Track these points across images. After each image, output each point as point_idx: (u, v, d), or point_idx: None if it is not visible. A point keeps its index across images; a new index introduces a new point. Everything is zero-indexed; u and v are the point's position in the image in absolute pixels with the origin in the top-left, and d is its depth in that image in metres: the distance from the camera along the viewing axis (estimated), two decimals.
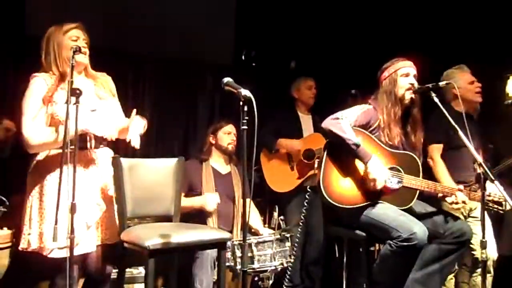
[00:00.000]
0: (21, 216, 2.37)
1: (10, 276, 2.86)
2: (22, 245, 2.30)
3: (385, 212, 2.47)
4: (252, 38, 4.44)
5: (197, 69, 4.37)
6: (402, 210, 2.51)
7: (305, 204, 3.15)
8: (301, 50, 4.48)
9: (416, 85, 2.61)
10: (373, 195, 2.53)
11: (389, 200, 2.54)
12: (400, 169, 2.57)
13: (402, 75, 2.64)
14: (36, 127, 2.29)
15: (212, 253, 2.84)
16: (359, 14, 4.46)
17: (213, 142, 3.39)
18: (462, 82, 3.20)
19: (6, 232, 2.88)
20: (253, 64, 4.14)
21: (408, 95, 2.62)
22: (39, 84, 2.34)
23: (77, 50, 2.18)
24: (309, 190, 3.12)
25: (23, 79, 2.40)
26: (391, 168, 2.57)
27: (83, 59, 2.42)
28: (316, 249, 3.44)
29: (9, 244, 2.89)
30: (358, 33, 4.48)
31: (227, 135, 3.37)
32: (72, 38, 2.40)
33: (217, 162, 3.39)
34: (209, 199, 3.14)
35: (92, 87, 2.47)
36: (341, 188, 2.53)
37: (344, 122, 2.52)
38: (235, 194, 3.29)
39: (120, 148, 2.58)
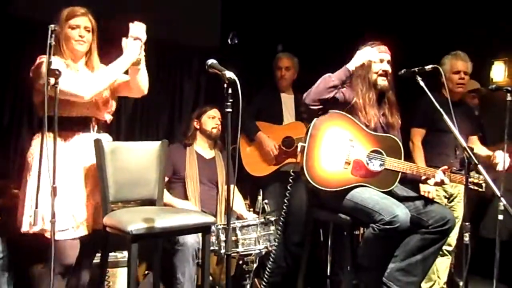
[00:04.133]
0: (17, 200, 2.35)
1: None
2: (25, 227, 2.24)
3: (368, 195, 2.47)
4: (239, 19, 4.38)
5: (183, 52, 4.30)
6: (384, 193, 2.52)
7: (289, 187, 3.15)
8: (289, 32, 4.43)
9: (390, 71, 2.64)
10: (356, 179, 2.54)
11: (372, 183, 2.55)
12: (382, 151, 2.58)
13: (376, 61, 2.64)
14: (77, 78, 2.26)
15: (194, 244, 2.82)
16: None
17: (198, 126, 3.36)
18: (447, 69, 3.20)
19: None
20: (235, 45, 4.07)
21: (381, 81, 2.64)
22: None
23: (52, 31, 2.06)
24: (292, 174, 3.12)
25: (7, 62, 2.31)
26: (373, 151, 2.58)
27: (80, 47, 2.37)
28: (299, 232, 3.46)
29: None
30: (345, 16, 4.45)
31: (211, 119, 3.35)
32: (72, 26, 2.34)
33: (202, 147, 3.37)
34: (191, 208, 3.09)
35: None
36: (324, 171, 2.53)
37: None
38: (218, 179, 3.29)
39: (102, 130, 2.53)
